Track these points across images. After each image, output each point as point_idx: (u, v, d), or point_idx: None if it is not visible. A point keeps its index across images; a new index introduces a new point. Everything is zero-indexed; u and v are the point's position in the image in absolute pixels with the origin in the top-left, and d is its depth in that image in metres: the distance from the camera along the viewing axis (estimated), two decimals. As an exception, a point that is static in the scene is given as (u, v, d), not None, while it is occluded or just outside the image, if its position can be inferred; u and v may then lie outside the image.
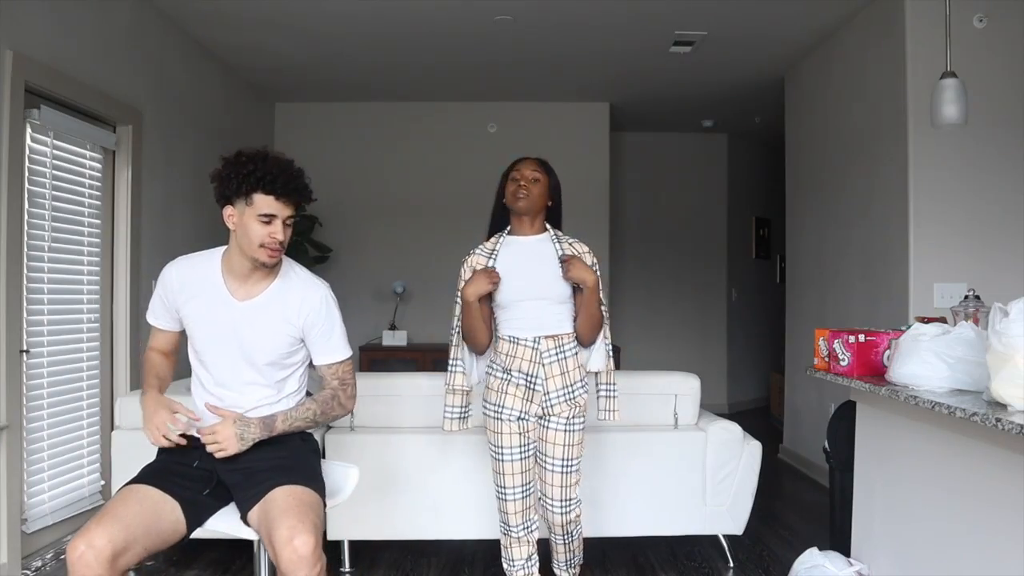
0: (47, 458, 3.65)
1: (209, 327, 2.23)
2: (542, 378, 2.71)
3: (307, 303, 2.25)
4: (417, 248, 6.92)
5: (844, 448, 3.11)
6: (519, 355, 2.72)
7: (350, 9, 4.69)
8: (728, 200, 8.24)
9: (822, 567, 2.88)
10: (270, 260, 2.16)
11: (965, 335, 2.34)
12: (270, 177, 2.10)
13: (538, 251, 2.76)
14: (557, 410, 2.73)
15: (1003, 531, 2.09)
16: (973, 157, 4.06)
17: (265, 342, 2.23)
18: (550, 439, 2.74)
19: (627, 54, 5.51)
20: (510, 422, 2.73)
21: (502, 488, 2.78)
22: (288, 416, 2.23)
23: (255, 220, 2.13)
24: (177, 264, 2.31)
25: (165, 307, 2.30)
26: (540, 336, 2.71)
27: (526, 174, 2.74)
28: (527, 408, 2.73)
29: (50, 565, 3.50)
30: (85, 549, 1.90)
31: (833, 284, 5.10)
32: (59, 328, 3.77)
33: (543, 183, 2.76)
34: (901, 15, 4.14)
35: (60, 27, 3.69)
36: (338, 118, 6.94)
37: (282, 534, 1.96)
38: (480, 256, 2.78)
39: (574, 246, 2.77)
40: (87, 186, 4.01)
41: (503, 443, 2.75)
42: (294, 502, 2.06)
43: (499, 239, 2.80)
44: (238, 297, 2.23)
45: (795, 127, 5.85)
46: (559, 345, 2.72)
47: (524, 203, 2.71)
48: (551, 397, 2.72)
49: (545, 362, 2.71)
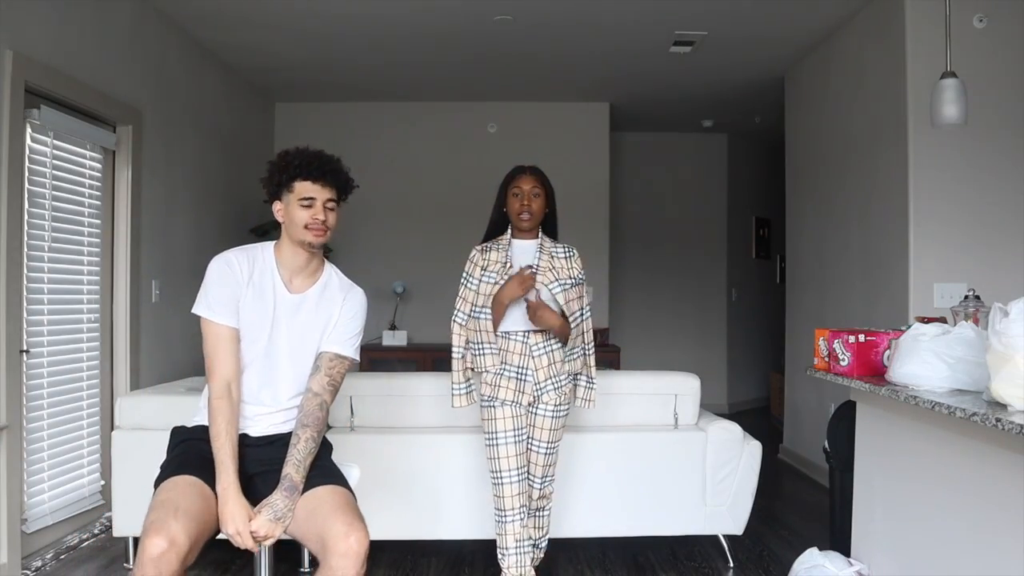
0: (47, 458, 3.65)
1: (262, 318, 2.26)
2: (532, 369, 2.97)
3: (350, 297, 2.37)
4: (417, 248, 6.92)
5: (844, 448, 3.11)
6: (511, 349, 2.97)
7: (350, 9, 4.69)
8: (728, 200, 8.24)
9: (822, 567, 2.88)
10: (316, 240, 2.25)
11: (965, 335, 2.34)
12: (306, 163, 2.23)
13: (531, 253, 3.01)
14: (545, 398, 2.99)
15: (1003, 531, 2.09)
16: (973, 157, 4.06)
17: (309, 337, 2.30)
18: (539, 424, 3.02)
19: (627, 54, 5.51)
20: (503, 407, 2.97)
21: (498, 473, 2.98)
22: (299, 463, 2.18)
23: (298, 206, 2.23)
24: (235, 252, 2.31)
25: (229, 298, 2.24)
26: (529, 331, 2.95)
27: (527, 189, 2.96)
28: (519, 398, 2.97)
29: (50, 565, 3.50)
30: (167, 547, 1.85)
31: (833, 284, 5.10)
32: (59, 328, 3.77)
33: (542, 196, 2.98)
34: (901, 15, 4.14)
35: (60, 27, 3.69)
36: (338, 118, 6.93)
37: (339, 529, 2.02)
38: (495, 251, 3.02)
39: (555, 257, 3.00)
40: (87, 186, 4.01)
41: (497, 428, 2.97)
42: (344, 501, 2.15)
43: (507, 235, 3.04)
44: (292, 289, 2.31)
45: (795, 127, 5.85)
46: (547, 339, 2.98)
47: (529, 222, 2.97)
48: (541, 386, 2.98)
49: (534, 354, 2.97)
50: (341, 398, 3.51)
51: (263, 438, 2.30)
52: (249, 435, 2.29)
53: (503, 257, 3.00)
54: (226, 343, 2.22)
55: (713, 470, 3.52)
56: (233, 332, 2.24)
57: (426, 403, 3.57)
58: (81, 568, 3.50)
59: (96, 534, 3.90)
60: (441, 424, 3.56)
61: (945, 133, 3.85)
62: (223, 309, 2.22)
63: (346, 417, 3.54)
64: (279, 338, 2.28)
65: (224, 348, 2.22)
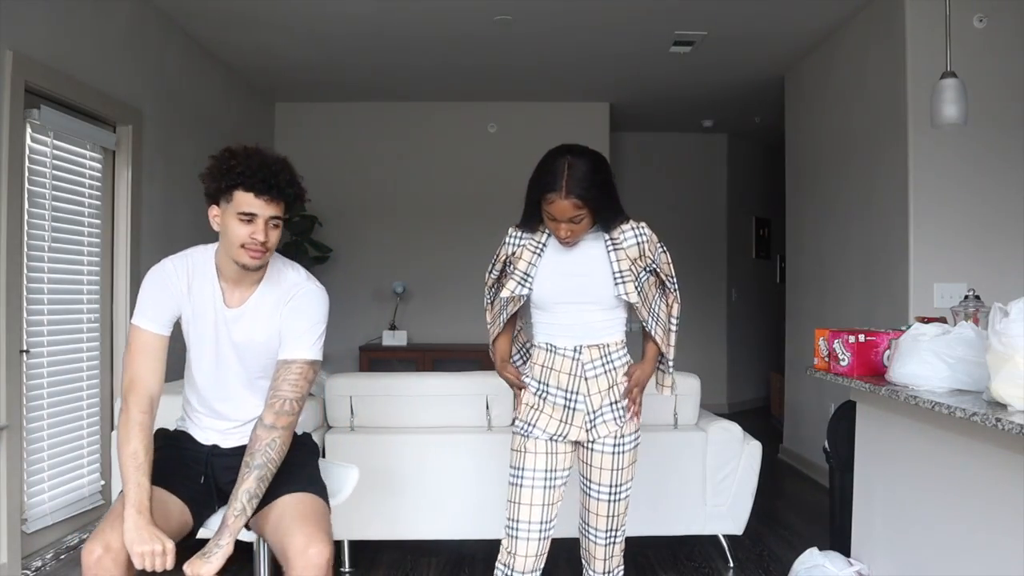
0: (47, 458, 3.65)
1: (206, 332, 2.15)
2: (584, 394, 2.29)
3: (293, 298, 2.14)
4: (417, 248, 6.92)
5: (844, 448, 3.11)
6: (556, 367, 2.30)
7: (350, 9, 4.69)
8: (728, 200, 8.24)
9: (822, 567, 2.88)
10: (252, 263, 2.03)
11: (965, 335, 2.34)
12: (249, 172, 1.97)
13: (587, 249, 2.32)
14: (603, 429, 2.30)
15: (1003, 531, 2.09)
16: (973, 157, 4.06)
17: (255, 352, 2.15)
18: (596, 463, 2.33)
19: (627, 54, 5.51)
20: (537, 440, 2.30)
21: (514, 522, 2.29)
22: (241, 511, 1.98)
23: (236, 219, 2.00)
24: (175, 262, 2.14)
25: (166, 308, 2.10)
26: (582, 345, 2.29)
27: (562, 219, 2.22)
28: (563, 431, 2.29)
29: (50, 565, 3.50)
30: (102, 553, 1.85)
31: (833, 284, 5.10)
32: (59, 328, 3.77)
33: (587, 216, 2.24)
34: (901, 15, 4.14)
35: (60, 27, 3.69)
36: (338, 118, 6.94)
37: (298, 542, 1.93)
38: (527, 248, 2.33)
39: (625, 244, 2.29)
40: (87, 186, 4.01)
41: (525, 463, 2.30)
42: (308, 510, 2.04)
43: (546, 231, 2.33)
44: (229, 303, 2.13)
45: (795, 127, 5.85)
46: (605, 354, 2.31)
47: (573, 243, 2.29)
48: (595, 416, 2.29)
49: (588, 375, 2.29)
50: (341, 398, 3.51)
51: (236, 449, 2.20)
52: (220, 446, 2.22)
53: (531, 257, 2.31)
54: (153, 352, 2.06)
55: (713, 470, 3.52)
56: (162, 342, 2.08)
57: (426, 403, 3.57)
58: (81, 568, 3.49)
59: (94, 535, 3.90)
60: (441, 424, 3.57)
61: (945, 133, 3.85)
62: (153, 314, 2.07)
63: (346, 417, 3.54)
64: (226, 353, 2.14)
65: (151, 357, 2.06)
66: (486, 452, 3.45)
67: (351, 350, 6.52)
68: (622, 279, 2.25)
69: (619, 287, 2.25)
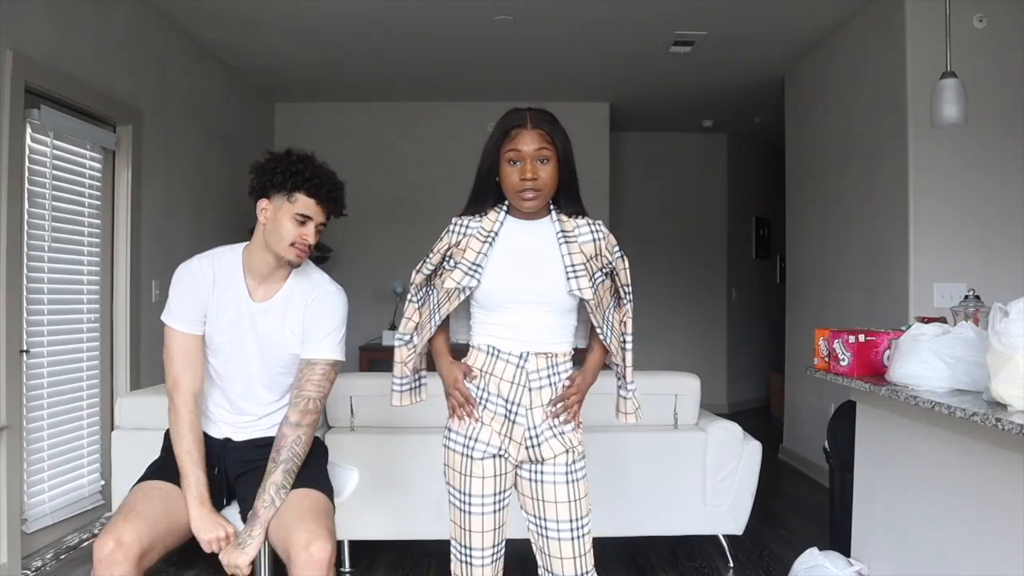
0: (47, 458, 3.65)
1: (230, 329, 2.20)
2: (526, 407, 2.01)
3: (317, 298, 2.24)
4: (417, 248, 6.78)
5: (844, 448, 3.11)
6: (497, 372, 2.03)
7: (350, 9, 4.69)
8: (728, 200, 8.24)
9: (822, 567, 2.88)
10: (297, 260, 2.18)
11: (965, 335, 2.34)
12: (317, 180, 2.13)
13: (540, 240, 2.06)
14: (548, 451, 2.00)
15: (1003, 531, 2.09)
16: (973, 157, 4.06)
17: (277, 345, 2.22)
18: (549, 496, 2.00)
19: (627, 54, 5.51)
20: (483, 461, 2.01)
21: (466, 549, 2.03)
22: (270, 503, 2.09)
23: (290, 218, 2.13)
24: (201, 260, 2.22)
25: (195, 307, 2.17)
26: (529, 352, 2.02)
27: (528, 152, 2.02)
28: (504, 445, 2.02)
29: (50, 565, 3.50)
30: (115, 547, 1.87)
31: (833, 284, 5.10)
32: (59, 328, 3.77)
33: (553, 160, 2.05)
34: (901, 15, 4.14)
35: (60, 27, 3.69)
36: (338, 118, 6.94)
37: (300, 538, 1.96)
38: (474, 238, 2.06)
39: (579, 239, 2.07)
40: (87, 186, 4.01)
41: (471, 489, 2.01)
42: (310, 506, 2.08)
43: (500, 216, 2.09)
44: (256, 298, 2.21)
45: (795, 127, 5.85)
46: (551, 364, 2.04)
47: (534, 202, 2.02)
48: (537, 433, 2.01)
49: (532, 385, 2.02)
50: (341, 398, 3.51)
51: (248, 442, 2.26)
52: (233, 439, 2.26)
53: (480, 246, 2.05)
54: (191, 353, 2.16)
55: (713, 470, 3.52)
56: (197, 341, 2.18)
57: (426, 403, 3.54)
58: (81, 568, 3.50)
59: (96, 534, 3.89)
60: (441, 424, 3.55)
61: (945, 133, 3.85)
62: (185, 316, 2.16)
63: (346, 417, 3.54)
64: (249, 349, 2.20)
65: (190, 358, 2.16)
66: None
67: (351, 350, 6.49)
68: (575, 273, 2.00)
69: (571, 281, 1.99)
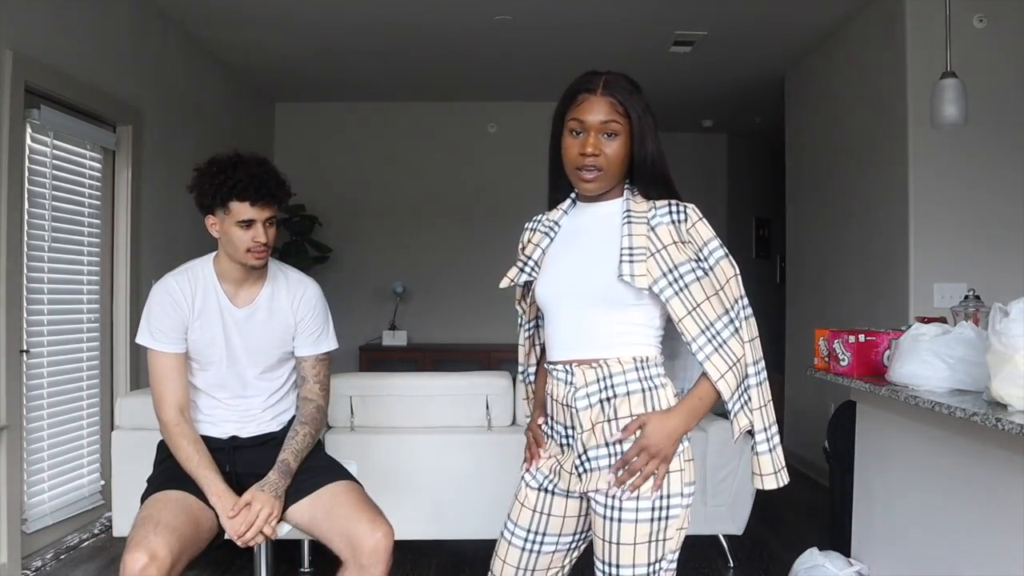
0: (47, 458, 3.65)
1: (215, 339, 2.22)
2: (577, 430, 1.65)
3: (303, 297, 2.30)
4: (417, 248, 6.92)
5: (844, 448, 3.11)
6: (553, 393, 1.71)
7: (350, 9, 4.69)
8: (728, 200, 8.24)
9: (822, 567, 2.88)
10: (257, 262, 2.17)
11: (965, 335, 2.34)
12: (242, 184, 2.09)
13: (601, 223, 1.71)
14: (594, 481, 1.62)
15: (1003, 531, 2.09)
16: (973, 157, 4.06)
17: (268, 345, 2.26)
18: (603, 533, 1.61)
19: (627, 54, 5.51)
20: (527, 488, 1.74)
21: (490, 572, 1.79)
22: (296, 451, 2.19)
23: (236, 227, 2.13)
24: (177, 277, 2.24)
25: (176, 325, 2.19)
26: (573, 363, 1.66)
27: (592, 123, 1.66)
28: (555, 472, 1.71)
29: (50, 565, 3.50)
30: (148, 561, 1.84)
31: (833, 284, 5.10)
32: (59, 328, 3.77)
33: (623, 136, 1.70)
34: (901, 15, 4.13)
35: (60, 27, 3.69)
36: (338, 118, 6.94)
37: (364, 527, 2.02)
38: (538, 231, 1.78)
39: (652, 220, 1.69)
40: (87, 186, 4.01)
41: (511, 513, 1.76)
42: (361, 496, 2.14)
43: (566, 204, 1.79)
44: (238, 303, 2.24)
45: (795, 127, 5.85)
46: (603, 377, 1.64)
47: (593, 184, 1.67)
48: (586, 460, 1.64)
49: (579, 406, 1.64)
50: (341, 398, 3.51)
51: (254, 438, 2.28)
52: (239, 436, 2.28)
53: (541, 239, 1.74)
54: (174, 371, 2.18)
55: (713, 470, 3.52)
56: (180, 358, 2.19)
57: (426, 403, 3.56)
58: (81, 568, 3.50)
59: (96, 534, 3.90)
60: (441, 424, 3.56)
61: (945, 133, 3.84)
62: (166, 338, 2.18)
63: (346, 417, 3.54)
64: (237, 352, 2.23)
65: (172, 376, 2.18)
66: (486, 452, 3.45)
67: (351, 350, 6.51)
68: (631, 257, 1.61)
69: (623, 265, 1.60)
